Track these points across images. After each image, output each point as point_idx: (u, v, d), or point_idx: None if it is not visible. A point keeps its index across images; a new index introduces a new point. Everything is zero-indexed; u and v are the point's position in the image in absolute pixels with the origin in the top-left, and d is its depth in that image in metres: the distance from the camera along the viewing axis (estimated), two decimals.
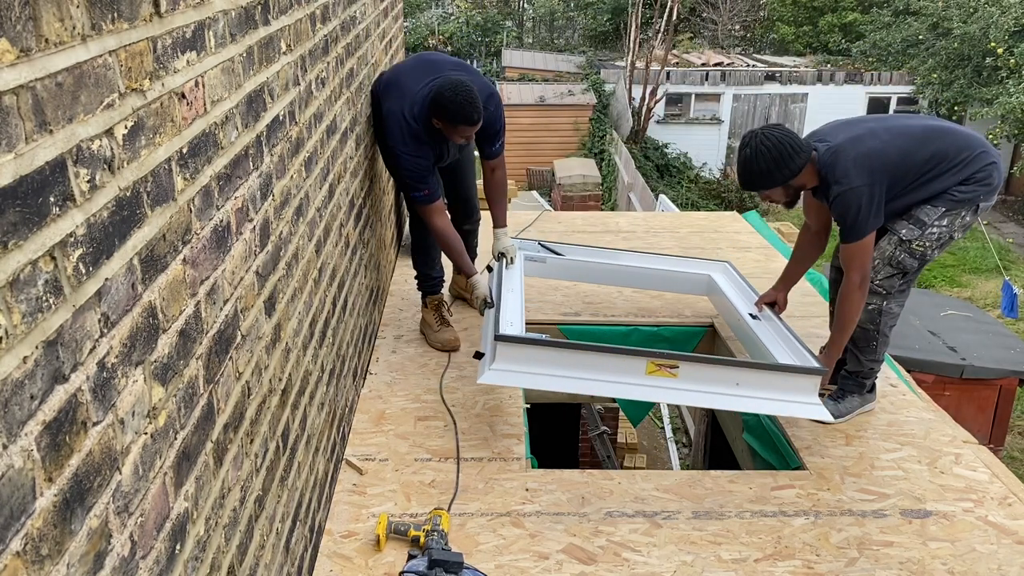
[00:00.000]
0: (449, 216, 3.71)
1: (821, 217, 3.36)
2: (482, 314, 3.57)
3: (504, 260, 3.78)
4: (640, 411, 5.03)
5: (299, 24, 2.29)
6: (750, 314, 3.56)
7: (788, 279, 3.58)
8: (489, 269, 3.77)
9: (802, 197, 3.26)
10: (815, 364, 3.01)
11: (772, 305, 3.57)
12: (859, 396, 3.36)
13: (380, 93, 3.61)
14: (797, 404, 2.93)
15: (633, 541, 2.62)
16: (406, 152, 3.42)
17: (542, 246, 4.18)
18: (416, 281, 4.03)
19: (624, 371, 2.91)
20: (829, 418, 2.94)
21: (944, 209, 3.03)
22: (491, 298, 3.48)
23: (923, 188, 3.03)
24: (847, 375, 3.32)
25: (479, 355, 3.07)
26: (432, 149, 3.48)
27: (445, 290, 4.11)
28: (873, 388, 3.40)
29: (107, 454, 1.13)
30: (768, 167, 2.98)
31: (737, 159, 3.09)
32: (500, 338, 2.94)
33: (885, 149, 2.99)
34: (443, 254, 3.82)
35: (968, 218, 3.06)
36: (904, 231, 3.07)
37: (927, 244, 3.06)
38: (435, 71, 3.48)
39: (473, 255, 4.25)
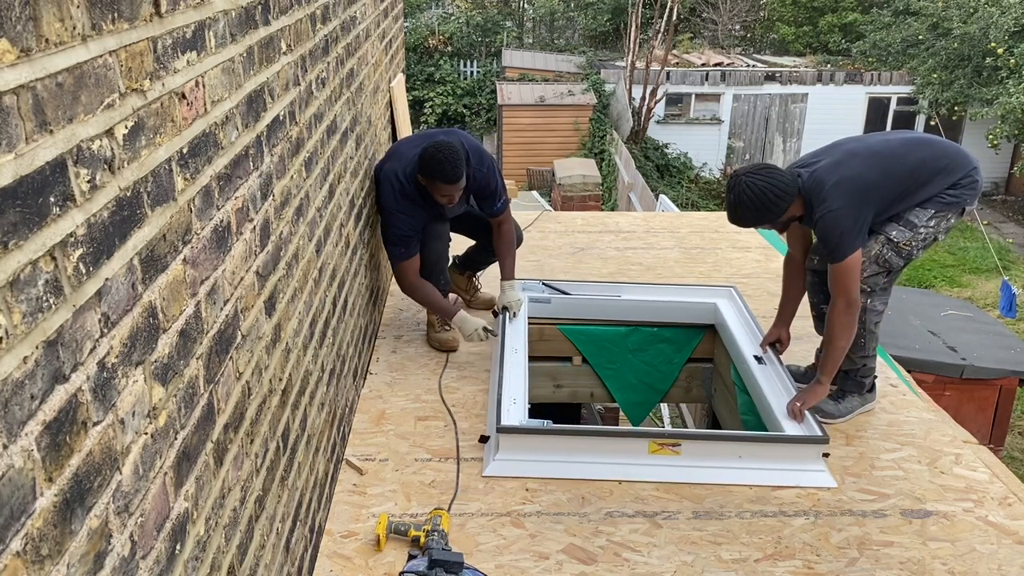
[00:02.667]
0: (422, 275, 3.72)
1: (804, 243, 3.40)
2: (483, 339, 3.64)
3: (507, 314, 3.81)
4: (641, 411, 5.02)
5: (299, 24, 2.29)
6: (755, 356, 3.58)
7: (785, 316, 3.59)
8: (495, 314, 3.85)
9: None
10: (817, 431, 3.02)
11: (775, 344, 3.59)
12: (859, 396, 3.37)
13: (381, 165, 3.71)
14: (801, 472, 2.96)
15: (633, 541, 2.62)
16: (396, 210, 3.53)
17: (546, 286, 4.20)
18: None
19: (627, 452, 2.99)
20: (834, 484, 2.93)
21: (934, 211, 3.10)
22: (492, 327, 3.55)
23: (910, 197, 3.09)
24: (844, 375, 3.33)
25: (484, 439, 3.10)
26: (424, 211, 3.56)
27: None
28: (873, 387, 3.41)
29: (107, 454, 1.13)
30: (757, 209, 3.02)
31: (726, 202, 3.12)
32: (502, 430, 2.98)
33: (866, 171, 3.03)
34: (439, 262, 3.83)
35: (953, 220, 3.14)
36: (894, 232, 3.12)
37: (914, 244, 3.12)
38: (430, 138, 3.59)
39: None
